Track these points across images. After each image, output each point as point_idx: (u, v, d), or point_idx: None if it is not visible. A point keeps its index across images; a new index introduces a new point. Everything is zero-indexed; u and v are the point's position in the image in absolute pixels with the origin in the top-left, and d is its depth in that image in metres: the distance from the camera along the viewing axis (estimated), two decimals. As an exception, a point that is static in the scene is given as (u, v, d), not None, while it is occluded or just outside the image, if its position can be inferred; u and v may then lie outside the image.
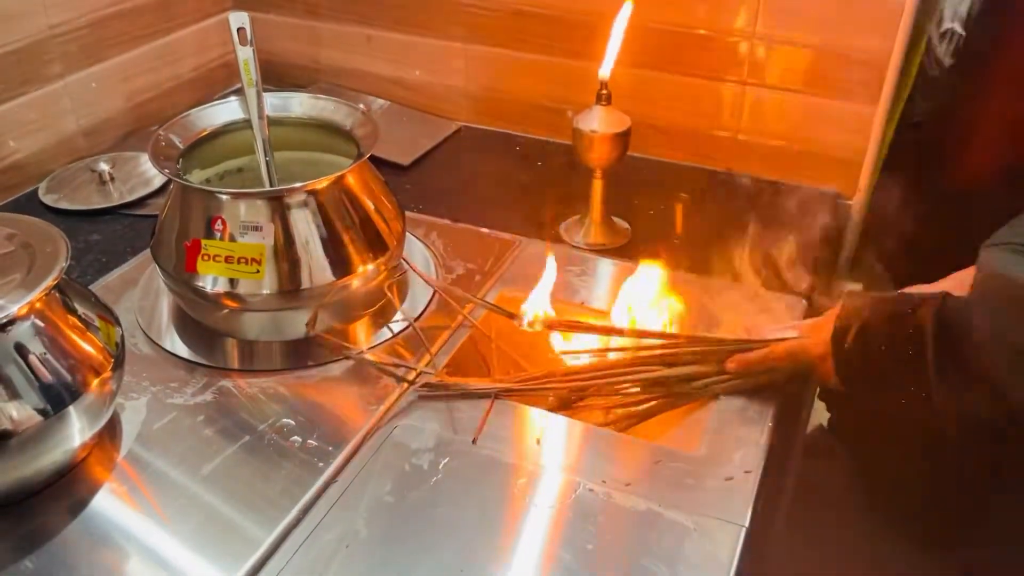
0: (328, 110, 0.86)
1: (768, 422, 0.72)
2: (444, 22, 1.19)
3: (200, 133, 0.85)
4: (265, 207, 0.75)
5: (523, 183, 1.10)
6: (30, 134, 1.05)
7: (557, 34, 1.13)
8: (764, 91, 1.07)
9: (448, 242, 0.97)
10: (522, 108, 1.21)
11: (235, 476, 0.67)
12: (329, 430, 0.71)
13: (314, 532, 0.62)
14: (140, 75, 1.18)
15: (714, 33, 1.05)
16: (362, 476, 0.67)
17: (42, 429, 0.61)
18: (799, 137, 1.08)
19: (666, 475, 0.67)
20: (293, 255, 0.77)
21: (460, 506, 0.64)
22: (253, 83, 0.85)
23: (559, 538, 0.62)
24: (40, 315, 0.62)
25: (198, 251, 0.76)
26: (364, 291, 0.82)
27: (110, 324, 0.68)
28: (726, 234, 0.98)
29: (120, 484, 0.67)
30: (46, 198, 1.03)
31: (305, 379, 0.77)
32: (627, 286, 0.83)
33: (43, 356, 0.61)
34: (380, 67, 1.27)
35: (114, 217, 1.01)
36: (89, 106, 1.12)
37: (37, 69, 1.03)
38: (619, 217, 1.00)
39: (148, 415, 0.73)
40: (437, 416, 0.73)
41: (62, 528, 0.63)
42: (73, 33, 1.06)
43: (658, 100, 1.11)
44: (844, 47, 1.00)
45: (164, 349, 0.80)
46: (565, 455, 0.69)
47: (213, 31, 1.29)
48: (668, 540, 0.62)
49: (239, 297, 0.77)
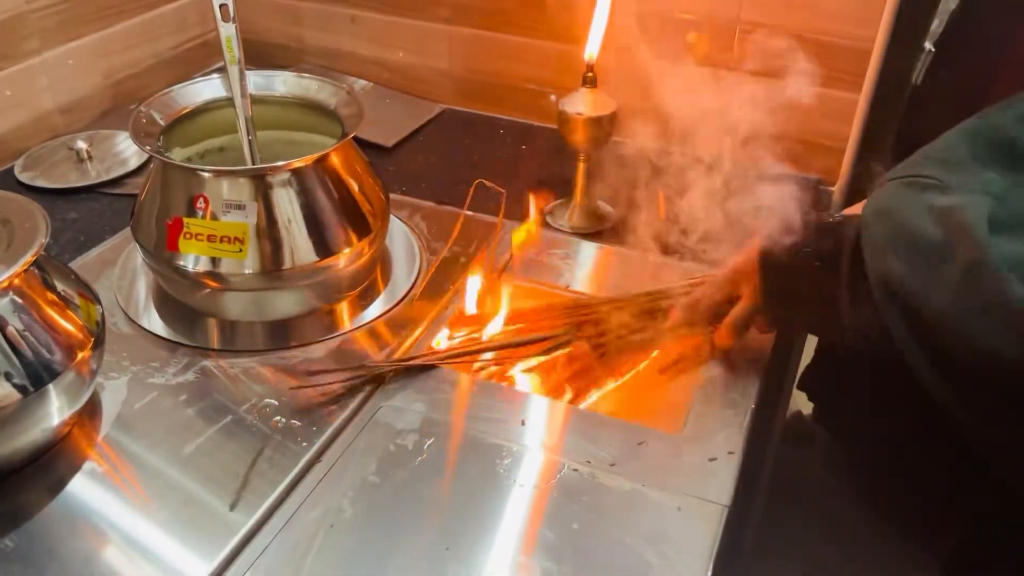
0: (312, 89, 0.86)
1: (751, 404, 0.73)
2: (429, 3, 1.18)
3: (181, 111, 0.84)
4: (248, 185, 0.75)
5: (507, 166, 1.10)
6: (5, 111, 1.03)
7: (542, 17, 1.13)
8: (748, 77, 1.07)
9: (432, 224, 0.96)
10: (506, 91, 1.20)
11: (217, 456, 0.66)
12: (312, 410, 0.71)
13: (298, 511, 0.62)
14: (118, 53, 1.16)
15: (699, 18, 1.05)
16: (346, 456, 0.67)
17: (21, 407, 0.60)
18: (782, 124, 1.08)
19: (650, 455, 0.68)
20: (276, 235, 0.76)
21: (444, 486, 0.65)
22: (236, 60, 0.83)
23: (544, 518, 0.62)
24: (19, 291, 0.61)
25: (180, 230, 0.75)
26: (348, 272, 0.81)
27: (90, 302, 0.67)
28: (709, 220, 0.99)
29: (100, 464, 0.66)
30: (22, 176, 1.01)
31: (288, 359, 0.77)
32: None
33: (22, 333, 0.60)
34: (363, 48, 1.26)
35: (92, 196, 0.99)
36: (66, 83, 1.10)
37: (13, 44, 1.01)
38: (604, 201, 1.00)
39: (128, 395, 0.72)
40: (422, 397, 0.73)
41: (41, 508, 0.62)
42: (51, 8, 1.04)
43: (643, 85, 1.11)
44: (828, 34, 1.00)
45: (144, 329, 0.80)
46: (549, 435, 0.70)
47: (192, 9, 1.27)
48: (652, 520, 0.62)
49: (221, 277, 0.76)
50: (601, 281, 0.90)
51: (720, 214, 1.00)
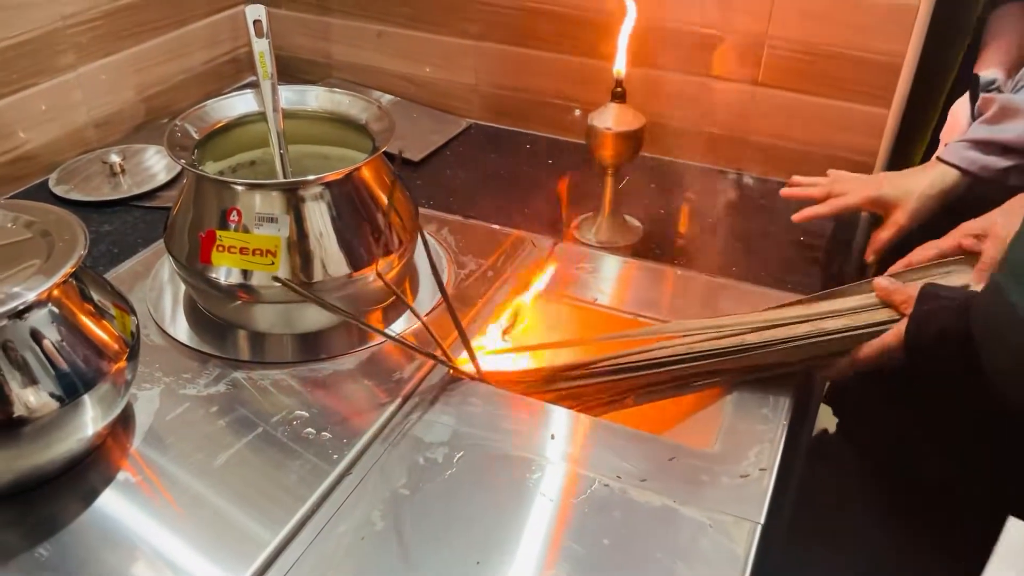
0: (344, 104, 0.86)
1: (783, 420, 0.72)
2: (456, 19, 1.19)
3: (215, 125, 0.85)
4: (281, 199, 0.75)
5: (534, 181, 1.10)
6: (41, 125, 1.05)
7: (568, 32, 1.13)
8: (775, 92, 1.07)
9: (459, 238, 0.97)
10: (532, 106, 1.21)
11: (249, 467, 0.67)
12: (343, 422, 0.71)
13: (329, 523, 0.62)
14: (151, 68, 1.18)
15: (726, 33, 1.05)
16: (376, 469, 0.67)
17: (57, 417, 0.61)
18: (809, 139, 1.08)
19: (681, 471, 0.67)
20: (307, 247, 0.76)
21: (475, 500, 0.64)
22: (268, 75, 0.85)
23: (574, 532, 0.62)
24: (57, 302, 0.61)
25: (213, 242, 0.76)
26: (377, 285, 0.82)
27: (125, 313, 0.68)
28: (736, 234, 0.99)
29: (133, 474, 0.66)
30: (57, 189, 1.02)
31: (318, 372, 0.77)
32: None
33: (59, 343, 0.61)
34: (391, 63, 1.27)
35: (125, 209, 1.01)
36: (100, 98, 1.12)
37: (49, 59, 1.03)
38: (631, 215, 1.00)
39: (161, 406, 0.72)
40: (450, 410, 0.73)
41: (75, 517, 0.63)
42: (86, 24, 1.06)
43: (670, 100, 1.11)
44: (857, 49, 1.00)
45: (176, 340, 0.80)
46: (579, 450, 0.69)
47: (223, 25, 1.29)
48: (684, 536, 0.61)
49: (252, 289, 0.77)
50: (629, 296, 0.90)
51: (743, 228, 1.00)
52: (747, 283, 0.90)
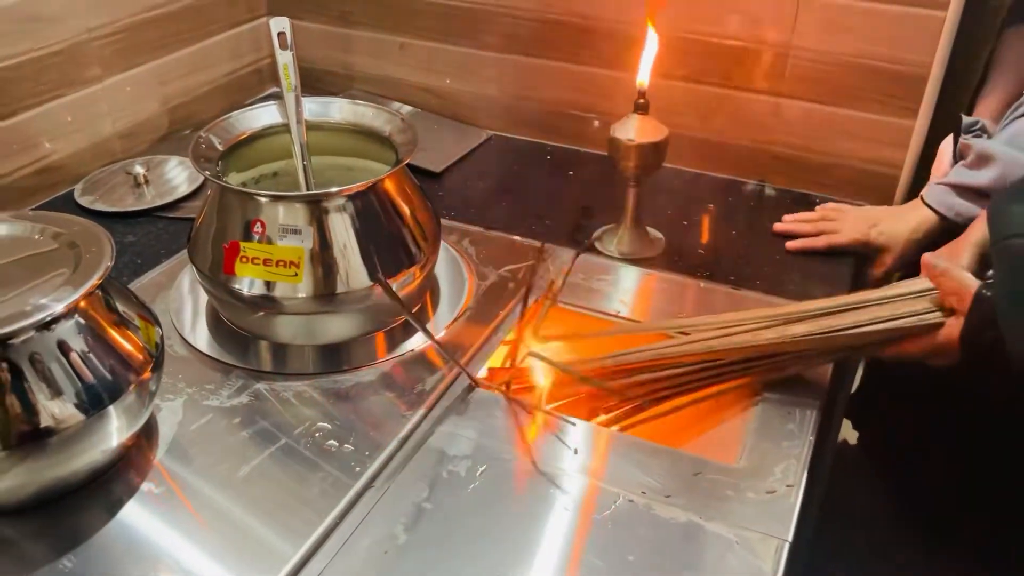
0: (367, 116, 0.87)
1: (809, 436, 0.71)
2: (477, 31, 1.19)
3: (239, 136, 0.85)
4: (305, 210, 0.75)
5: (555, 192, 1.10)
6: (67, 136, 1.06)
7: (587, 43, 1.13)
8: (799, 103, 1.06)
9: (481, 249, 0.97)
10: (552, 117, 1.21)
11: (272, 479, 0.67)
12: (365, 434, 0.71)
13: (352, 536, 0.62)
14: (174, 80, 1.19)
15: (749, 44, 1.05)
16: (399, 481, 0.66)
17: (82, 428, 0.61)
18: (834, 150, 1.07)
19: (706, 487, 0.66)
20: (331, 259, 0.76)
21: (499, 514, 0.64)
22: (292, 87, 0.85)
23: (599, 549, 0.61)
24: (83, 313, 0.62)
25: (237, 253, 0.76)
26: (400, 296, 0.82)
27: (150, 324, 0.68)
28: (759, 246, 0.98)
29: (157, 485, 0.66)
30: (82, 199, 1.03)
31: (340, 383, 0.77)
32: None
33: (85, 354, 0.61)
34: (412, 75, 1.27)
35: (148, 219, 1.01)
36: (124, 109, 1.13)
37: (76, 72, 1.04)
38: (653, 227, 1.00)
39: (184, 416, 0.72)
40: (473, 423, 0.72)
41: (99, 529, 0.63)
42: (111, 37, 1.07)
43: (692, 111, 1.11)
44: (882, 60, 0.99)
45: (199, 351, 0.80)
46: (603, 465, 0.69)
47: (245, 37, 1.30)
48: (711, 553, 0.61)
49: (275, 300, 0.77)
50: (652, 308, 0.89)
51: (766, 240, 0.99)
52: (772, 295, 0.89)
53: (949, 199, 0.89)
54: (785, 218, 1.01)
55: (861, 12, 0.98)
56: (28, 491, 0.62)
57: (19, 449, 0.59)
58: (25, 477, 0.61)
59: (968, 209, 0.87)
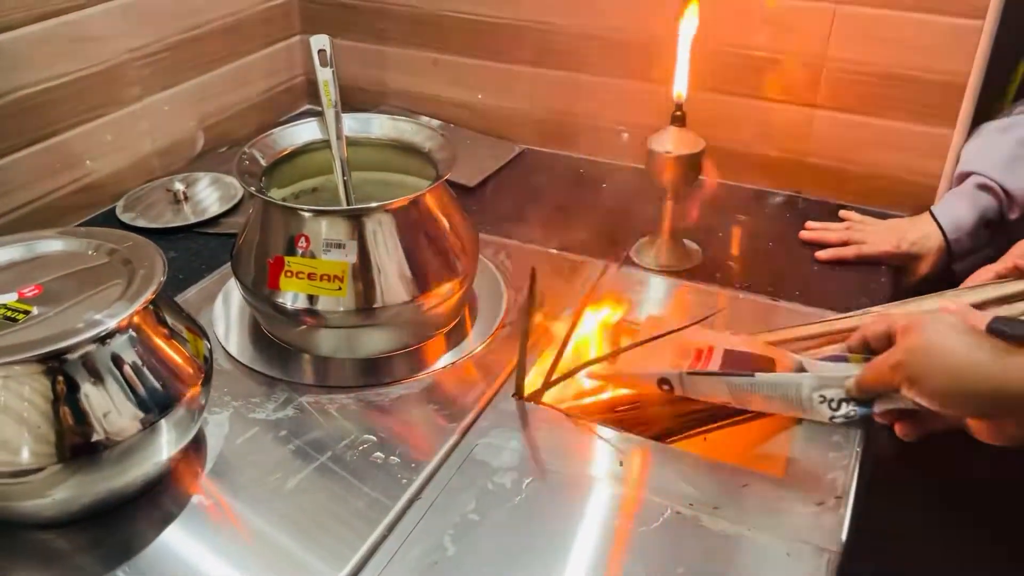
0: (408, 132, 0.87)
1: (856, 447, 0.71)
2: (510, 46, 1.20)
3: (281, 152, 0.86)
4: (349, 225, 0.76)
5: (589, 205, 1.10)
6: (108, 154, 1.08)
7: (618, 56, 1.14)
8: (834, 114, 1.06)
9: (517, 263, 0.97)
10: (584, 130, 1.21)
11: (319, 492, 0.67)
12: (410, 447, 0.71)
13: (401, 548, 0.62)
14: (211, 98, 1.21)
15: (783, 55, 1.05)
16: (446, 494, 0.67)
17: (136, 441, 0.61)
18: (870, 160, 1.07)
19: (754, 499, 0.66)
20: (373, 273, 0.77)
21: (546, 526, 0.64)
22: (332, 104, 0.86)
23: (649, 561, 0.61)
24: (137, 328, 0.62)
25: (281, 268, 0.77)
26: (440, 310, 0.82)
27: (198, 337, 0.69)
28: (796, 257, 0.98)
29: (205, 499, 0.67)
30: (123, 216, 1.05)
31: (383, 396, 0.77)
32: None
33: (139, 368, 0.62)
34: (444, 90, 1.28)
35: (189, 236, 1.03)
36: (163, 128, 1.14)
37: (117, 91, 1.06)
38: (689, 239, 0.99)
39: (231, 430, 0.73)
40: (517, 435, 0.72)
41: (151, 541, 0.63)
42: (152, 57, 1.09)
43: (726, 122, 1.11)
44: (918, 69, 0.99)
45: (244, 365, 0.81)
46: (649, 477, 0.69)
47: (280, 55, 1.31)
48: (761, 565, 0.60)
49: (319, 314, 0.78)
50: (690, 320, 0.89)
51: (802, 251, 0.99)
52: (811, 307, 0.88)
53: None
54: (809, 225, 1.02)
55: (897, 22, 0.98)
56: (81, 503, 0.63)
57: (73, 461, 0.60)
58: (78, 489, 0.61)
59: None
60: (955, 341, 0.54)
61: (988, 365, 0.53)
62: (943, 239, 0.92)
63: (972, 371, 0.53)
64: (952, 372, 0.54)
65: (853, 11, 0.99)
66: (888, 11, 0.98)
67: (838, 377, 0.63)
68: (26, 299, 0.61)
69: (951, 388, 0.54)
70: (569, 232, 1.02)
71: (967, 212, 0.92)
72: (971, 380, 0.53)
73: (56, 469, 0.59)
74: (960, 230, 0.92)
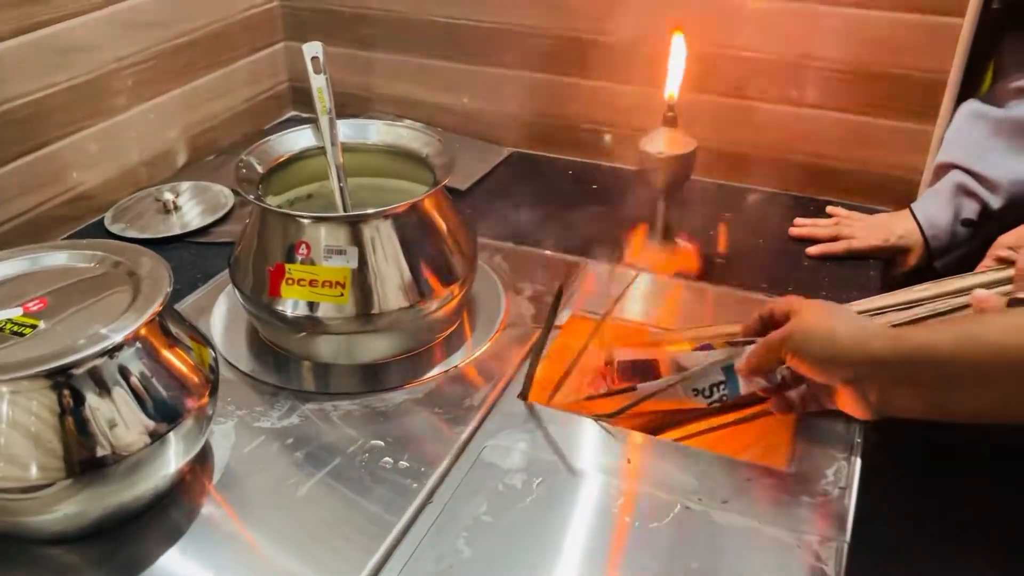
0: (405, 137, 0.88)
1: (857, 438, 0.72)
2: (496, 50, 1.20)
3: (277, 159, 0.86)
4: (349, 231, 0.76)
5: (580, 206, 1.11)
6: (95, 165, 1.07)
7: (605, 59, 1.15)
8: (819, 112, 1.08)
9: (513, 265, 0.98)
10: (572, 133, 1.22)
11: (331, 498, 0.67)
12: (418, 452, 0.71)
13: (416, 552, 0.62)
14: (197, 107, 1.20)
15: (768, 55, 1.07)
16: (457, 496, 0.67)
17: (146, 454, 0.61)
18: (855, 157, 1.09)
19: (761, 492, 0.67)
20: (374, 279, 0.77)
21: (560, 526, 0.64)
22: (327, 110, 0.86)
23: (663, 557, 0.62)
24: (144, 340, 0.62)
25: (282, 275, 0.77)
26: (440, 314, 0.83)
27: (203, 346, 0.69)
28: (787, 252, 0.99)
29: (215, 510, 0.67)
30: (112, 227, 1.04)
31: (387, 402, 0.78)
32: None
33: (148, 380, 0.61)
34: (430, 95, 1.29)
35: (180, 245, 1.02)
36: (150, 137, 1.14)
37: (104, 101, 1.05)
38: (681, 238, 1.01)
39: (237, 439, 0.73)
40: (524, 436, 0.73)
41: (161, 554, 0.63)
42: (139, 66, 1.09)
43: (711, 122, 1.12)
44: (900, 67, 1.01)
45: (245, 373, 0.81)
46: (657, 473, 0.69)
47: (264, 63, 1.31)
48: (772, 557, 0.61)
49: (319, 320, 0.78)
50: (687, 318, 0.90)
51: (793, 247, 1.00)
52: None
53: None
54: (798, 221, 1.04)
55: (878, 21, 1.00)
56: (91, 517, 0.62)
57: (83, 476, 0.59)
58: (87, 504, 0.61)
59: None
60: (831, 318, 0.63)
61: (856, 338, 0.61)
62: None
63: (842, 340, 0.62)
64: (826, 341, 0.62)
65: (836, 12, 1.01)
66: (871, 11, 1.00)
67: (707, 367, 0.73)
68: (32, 313, 0.61)
69: (825, 355, 0.63)
70: (562, 233, 1.03)
71: (942, 211, 0.94)
72: (841, 347, 0.62)
73: (65, 484, 0.59)
74: (936, 227, 0.94)
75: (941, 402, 0.60)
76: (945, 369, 0.58)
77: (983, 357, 0.57)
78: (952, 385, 0.58)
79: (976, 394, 0.58)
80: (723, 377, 0.73)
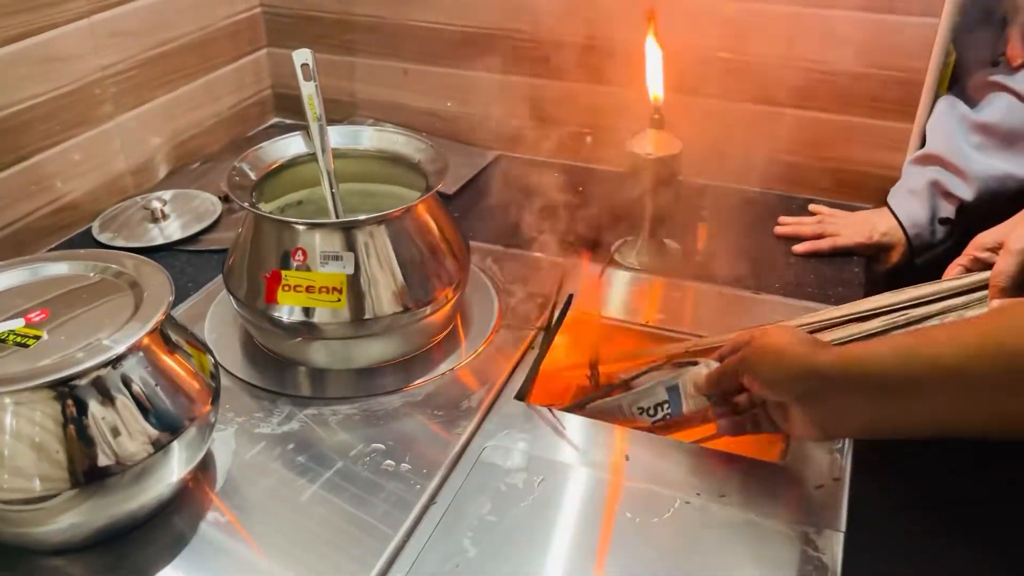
0: (398, 143, 0.88)
1: (848, 430, 0.73)
2: (479, 54, 1.21)
3: (270, 166, 0.86)
4: (345, 237, 0.77)
5: (567, 208, 1.12)
6: (81, 175, 1.06)
7: (588, 62, 1.16)
8: (800, 112, 1.10)
9: (504, 268, 0.98)
10: (556, 136, 1.23)
11: (334, 502, 0.67)
12: (419, 454, 0.72)
13: (422, 553, 0.63)
14: (182, 114, 1.20)
15: (747, 57, 1.08)
16: (460, 497, 0.68)
17: (149, 463, 0.61)
18: (836, 156, 1.11)
19: (757, 486, 0.68)
20: (369, 284, 0.78)
21: (563, 523, 0.65)
22: (317, 117, 0.87)
23: (666, 552, 0.63)
24: (146, 349, 0.62)
25: (278, 282, 0.77)
26: (435, 318, 0.83)
27: (203, 353, 0.69)
28: (772, 250, 1.01)
29: (218, 519, 0.67)
30: (101, 236, 1.03)
31: (385, 405, 0.78)
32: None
33: (152, 389, 0.61)
34: (414, 99, 1.29)
35: (170, 253, 1.02)
36: (135, 146, 1.13)
37: (89, 110, 1.05)
38: (668, 238, 1.02)
39: (238, 446, 0.73)
40: (523, 436, 0.74)
41: (166, 563, 0.63)
42: (123, 74, 1.08)
43: (695, 123, 1.14)
44: (879, 67, 1.03)
45: (242, 380, 0.81)
46: (655, 469, 0.71)
47: (248, 69, 1.31)
48: (772, 549, 0.63)
49: (315, 326, 0.78)
50: (675, 316, 0.91)
51: (778, 245, 1.02)
52: (792, 298, 0.92)
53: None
54: (783, 220, 1.06)
55: (857, 23, 1.02)
56: (95, 527, 0.62)
57: (87, 486, 0.59)
58: (92, 514, 0.61)
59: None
60: (785, 340, 0.64)
61: (804, 354, 0.62)
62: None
63: (790, 357, 0.62)
64: (776, 359, 0.63)
65: (815, 14, 1.03)
66: (849, 12, 1.02)
67: (651, 387, 0.76)
68: (34, 324, 0.61)
69: (775, 373, 0.63)
70: (550, 235, 1.04)
71: (922, 209, 0.96)
72: (789, 363, 0.62)
73: (70, 495, 0.59)
74: (917, 225, 0.96)
75: (885, 416, 0.60)
76: (887, 382, 0.58)
77: (919, 370, 0.57)
78: (893, 399, 0.58)
79: (914, 407, 0.58)
80: (666, 397, 0.75)
